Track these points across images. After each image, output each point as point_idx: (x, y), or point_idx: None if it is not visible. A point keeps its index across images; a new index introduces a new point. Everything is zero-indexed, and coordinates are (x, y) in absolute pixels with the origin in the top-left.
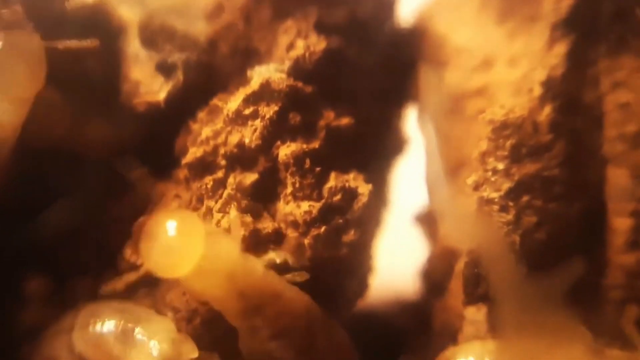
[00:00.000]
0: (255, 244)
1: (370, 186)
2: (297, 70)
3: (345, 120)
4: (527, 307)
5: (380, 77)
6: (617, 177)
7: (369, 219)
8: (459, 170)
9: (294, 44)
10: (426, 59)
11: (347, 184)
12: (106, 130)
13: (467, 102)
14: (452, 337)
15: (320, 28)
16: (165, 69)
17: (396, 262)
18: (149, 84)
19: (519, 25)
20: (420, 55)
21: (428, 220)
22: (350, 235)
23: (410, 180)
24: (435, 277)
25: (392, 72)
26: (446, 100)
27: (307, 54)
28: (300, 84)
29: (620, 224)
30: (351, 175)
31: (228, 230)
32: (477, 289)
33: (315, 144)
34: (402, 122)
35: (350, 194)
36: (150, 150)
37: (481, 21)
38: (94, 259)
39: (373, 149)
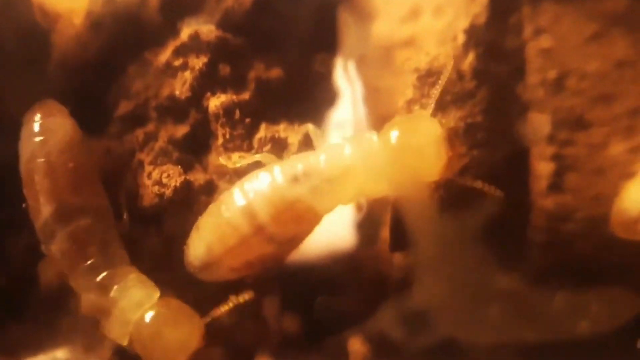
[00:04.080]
0: (187, 195)
1: (300, 137)
2: (227, 22)
3: (275, 72)
4: (444, 249)
5: (310, 28)
6: (539, 123)
7: None
8: (389, 120)
9: None
10: (355, 11)
11: (277, 135)
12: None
13: (396, 52)
14: (382, 283)
15: None
16: (95, 23)
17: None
18: (79, 38)
19: None
20: (349, 6)
21: None
22: None
23: (341, 131)
24: (368, 227)
25: (323, 24)
26: (375, 52)
27: (236, 6)
28: (229, 36)
29: (543, 168)
30: (281, 126)
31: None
32: (403, 235)
33: (246, 96)
34: (333, 73)
35: (280, 145)
36: (82, 105)
37: None
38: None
39: (304, 100)
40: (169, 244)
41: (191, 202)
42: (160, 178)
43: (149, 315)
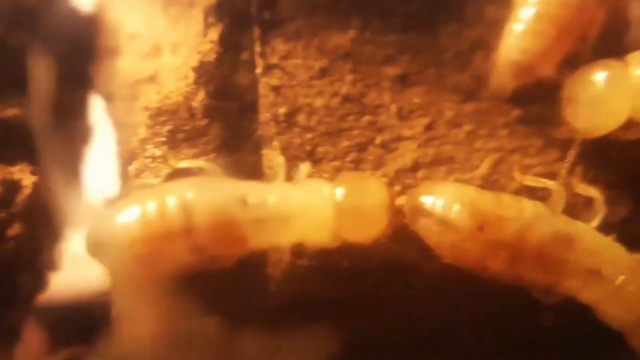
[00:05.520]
0: None
1: (35, 178)
2: None
3: (12, 112)
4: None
5: (61, 65)
6: (272, 159)
7: (37, 212)
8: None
9: None
10: (103, 46)
11: (9, 177)
12: None
13: (141, 89)
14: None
15: None
16: None
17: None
18: None
19: (181, 11)
20: (97, 42)
21: None
22: (15, 229)
23: (101, 169)
24: None
25: (73, 60)
26: (122, 88)
27: None
28: None
29: None
30: (17, 168)
31: None
32: None
33: None
34: (88, 110)
35: (13, 187)
36: None
37: (150, 7)
38: None
39: (55, 139)
40: None
41: None
42: None
43: None
